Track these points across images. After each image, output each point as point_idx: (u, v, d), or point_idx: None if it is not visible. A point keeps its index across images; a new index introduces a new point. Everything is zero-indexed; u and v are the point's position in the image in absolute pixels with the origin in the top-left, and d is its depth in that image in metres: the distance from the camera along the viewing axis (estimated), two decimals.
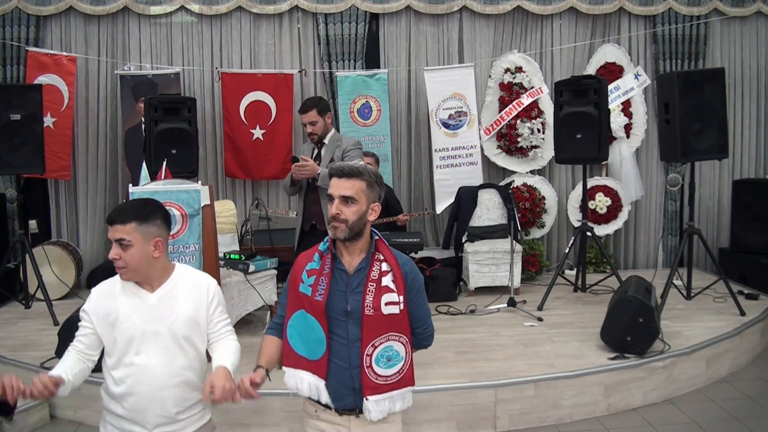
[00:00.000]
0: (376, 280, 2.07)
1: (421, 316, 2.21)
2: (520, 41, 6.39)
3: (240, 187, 6.35)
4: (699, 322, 4.63)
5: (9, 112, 4.85)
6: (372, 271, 2.08)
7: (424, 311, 2.23)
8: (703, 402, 3.93)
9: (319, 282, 2.06)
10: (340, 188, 2.04)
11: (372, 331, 2.04)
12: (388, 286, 2.07)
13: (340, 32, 6.14)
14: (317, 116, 3.91)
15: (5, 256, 5.28)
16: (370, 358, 2.05)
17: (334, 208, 2.04)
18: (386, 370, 2.07)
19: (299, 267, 2.13)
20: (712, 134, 4.84)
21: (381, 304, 2.04)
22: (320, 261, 2.10)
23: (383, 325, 2.05)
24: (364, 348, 2.04)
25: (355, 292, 2.07)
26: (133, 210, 2.07)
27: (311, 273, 2.09)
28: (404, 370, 2.12)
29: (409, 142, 6.47)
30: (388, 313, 2.05)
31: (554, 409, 3.71)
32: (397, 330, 2.08)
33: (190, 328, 2.14)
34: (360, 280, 2.08)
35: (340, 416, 2.11)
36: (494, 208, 5.98)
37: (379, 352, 2.05)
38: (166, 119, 5.03)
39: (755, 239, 5.98)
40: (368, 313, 2.04)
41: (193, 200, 3.94)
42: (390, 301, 2.06)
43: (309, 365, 2.09)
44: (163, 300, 2.13)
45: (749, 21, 6.52)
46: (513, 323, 4.79)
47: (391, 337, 2.07)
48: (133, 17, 6.09)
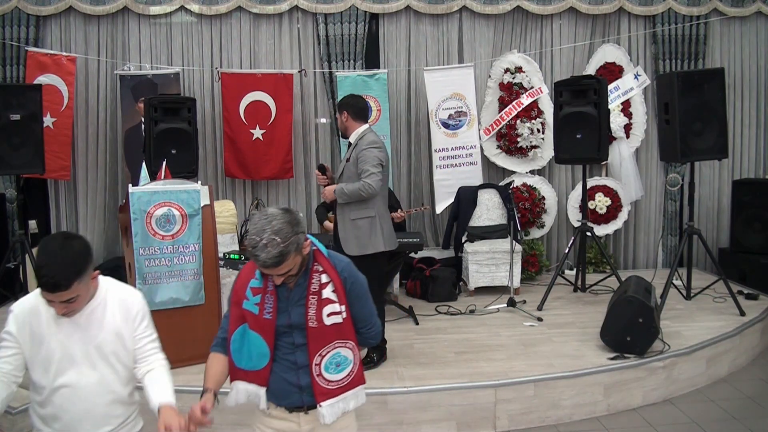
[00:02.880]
0: (317, 292, 2.09)
1: (365, 317, 2.22)
2: (519, 41, 6.39)
3: (240, 187, 6.35)
4: (699, 322, 4.63)
5: (9, 112, 4.85)
6: (312, 284, 2.10)
7: (368, 311, 2.23)
8: (703, 402, 3.93)
9: (265, 300, 2.09)
10: (276, 276, 2.03)
11: (318, 342, 2.09)
12: (329, 298, 2.10)
13: (340, 32, 6.14)
14: (337, 112, 3.98)
15: (5, 256, 5.28)
16: (319, 367, 2.10)
17: (281, 280, 2.04)
18: (336, 375, 2.12)
19: (242, 283, 2.14)
20: (711, 134, 4.84)
21: (323, 316, 2.08)
22: (262, 278, 2.10)
23: (328, 335, 2.10)
24: (312, 358, 2.09)
25: (298, 305, 2.10)
26: (70, 270, 1.93)
27: (256, 291, 2.10)
28: (354, 372, 2.17)
29: (409, 142, 6.47)
30: (331, 323, 2.09)
31: (554, 409, 3.71)
32: (342, 337, 2.12)
33: (118, 345, 2.11)
34: (301, 294, 2.10)
35: (290, 413, 2.16)
36: (494, 208, 5.98)
37: (328, 360, 2.10)
38: (166, 119, 5.04)
39: (755, 239, 5.98)
40: (312, 326, 2.08)
41: (193, 200, 3.95)
42: (332, 312, 2.10)
43: (248, 375, 2.13)
44: (90, 318, 2.07)
45: (749, 21, 6.52)
46: (513, 323, 4.79)
47: (337, 345, 2.12)
48: (132, 17, 6.08)
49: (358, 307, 2.18)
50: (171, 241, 3.88)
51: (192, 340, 3.95)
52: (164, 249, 3.86)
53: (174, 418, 2.00)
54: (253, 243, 1.96)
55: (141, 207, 3.80)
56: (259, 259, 1.96)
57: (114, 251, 6.26)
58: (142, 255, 3.81)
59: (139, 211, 3.79)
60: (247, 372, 2.13)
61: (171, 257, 3.88)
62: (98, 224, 6.20)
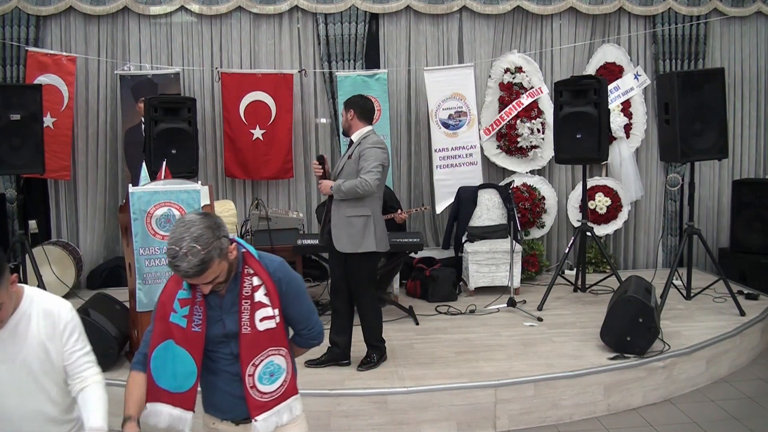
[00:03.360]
0: (249, 296, 2.00)
1: (304, 318, 2.14)
2: (519, 41, 6.39)
3: (240, 187, 6.35)
4: (699, 322, 4.63)
5: (9, 112, 4.84)
6: (244, 288, 2.00)
7: (307, 311, 2.15)
8: (703, 402, 3.93)
9: (194, 312, 1.98)
10: (203, 286, 1.93)
11: (250, 350, 1.99)
12: (261, 302, 2.00)
13: (340, 32, 6.14)
14: (343, 110, 3.98)
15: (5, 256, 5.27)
16: (253, 378, 2.00)
17: (209, 289, 1.94)
18: (270, 386, 2.03)
19: (169, 295, 2.02)
20: (712, 134, 4.84)
21: (256, 321, 1.99)
22: (190, 288, 1.99)
23: (262, 341, 2.00)
24: (245, 368, 1.99)
25: (232, 312, 2.00)
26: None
27: (184, 303, 1.98)
28: (287, 381, 2.08)
29: (409, 142, 6.47)
30: (264, 329, 2.00)
31: (554, 409, 3.71)
32: (276, 344, 2.03)
33: (45, 361, 1.95)
34: (233, 300, 2.00)
35: (236, 426, 2.09)
36: (494, 208, 5.98)
37: (261, 369, 2.01)
38: (166, 119, 5.03)
39: (755, 239, 5.98)
40: (245, 332, 1.99)
41: (193, 200, 3.94)
42: (265, 317, 2.01)
43: (172, 398, 1.98)
44: (13, 333, 1.92)
45: (749, 21, 6.52)
46: (513, 323, 4.79)
47: (270, 353, 2.02)
48: (133, 17, 6.08)
49: (295, 308, 2.10)
50: None
51: None
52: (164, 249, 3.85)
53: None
54: (172, 253, 1.85)
55: (141, 207, 3.80)
56: (180, 270, 1.85)
57: (114, 251, 6.26)
58: (142, 255, 3.80)
59: (139, 211, 3.79)
60: (172, 394, 1.97)
61: None
62: (98, 224, 6.20)
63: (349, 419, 3.53)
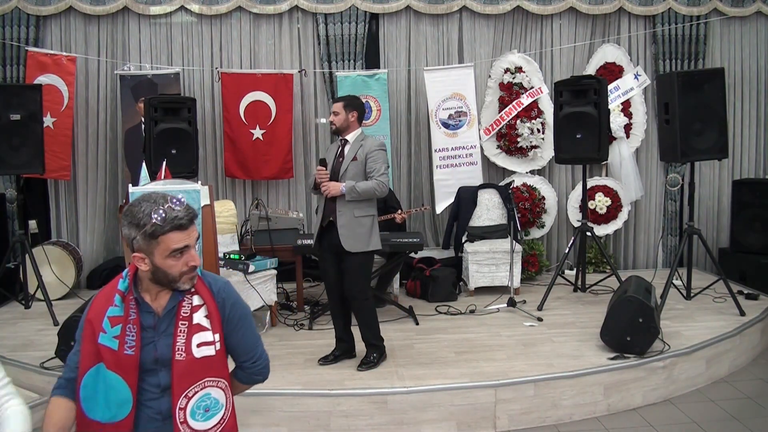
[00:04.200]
0: (187, 317, 1.79)
1: (248, 348, 1.91)
2: (519, 41, 6.40)
3: (240, 187, 6.35)
4: (699, 322, 4.63)
5: (9, 112, 4.85)
6: (182, 308, 1.79)
7: (252, 340, 1.92)
8: (703, 402, 3.93)
9: (126, 332, 1.75)
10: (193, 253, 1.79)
11: (184, 379, 1.75)
12: (200, 324, 1.79)
13: (340, 32, 6.14)
14: (341, 109, 3.96)
15: (5, 256, 5.28)
16: (184, 411, 1.76)
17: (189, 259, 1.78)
18: (204, 423, 1.79)
19: (98, 312, 1.78)
20: (712, 134, 4.84)
21: (192, 347, 1.76)
22: (123, 305, 1.78)
23: (197, 370, 1.77)
24: (176, 400, 1.75)
25: (165, 335, 1.78)
26: None
27: (115, 321, 1.75)
28: (225, 420, 1.84)
29: (409, 142, 6.47)
30: (201, 356, 1.77)
31: (554, 409, 3.71)
32: (214, 374, 1.79)
33: None
34: (170, 321, 1.79)
35: None
36: (494, 208, 5.98)
37: (195, 403, 1.77)
38: (166, 119, 5.04)
39: (755, 239, 5.98)
40: (179, 359, 1.75)
41: (193, 200, 3.94)
42: (203, 342, 1.78)
43: (105, 429, 1.75)
44: None
45: (749, 21, 6.52)
46: (513, 323, 4.79)
47: (207, 384, 1.78)
48: (133, 17, 6.09)
49: (239, 335, 1.87)
50: None
51: None
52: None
53: None
54: (161, 206, 1.70)
55: None
56: (180, 212, 1.72)
57: (114, 251, 6.26)
58: None
59: None
60: (104, 425, 1.74)
61: None
62: (98, 224, 6.20)
63: (349, 419, 3.53)
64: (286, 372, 3.85)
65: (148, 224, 1.71)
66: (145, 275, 1.79)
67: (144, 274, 1.79)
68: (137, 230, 1.72)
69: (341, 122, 3.96)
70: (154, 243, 1.72)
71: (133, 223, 1.73)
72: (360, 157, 3.88)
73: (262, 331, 4.63)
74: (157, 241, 1.72)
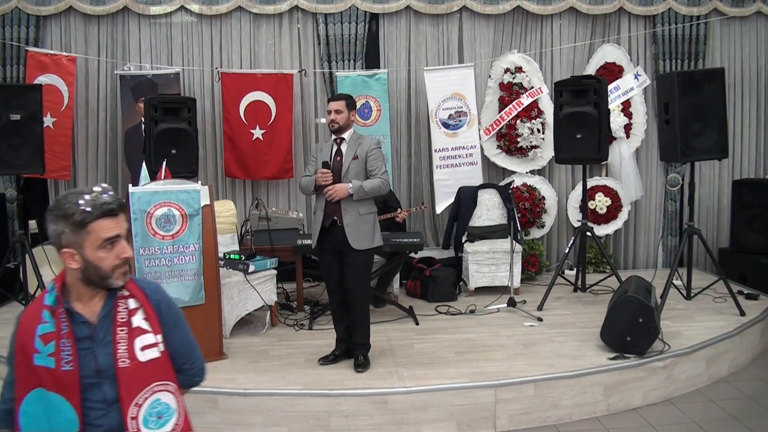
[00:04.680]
0: (126, 322, 1.70)
1: (186, 350, 1.85)
2: (520, 41, 6.39)
3: (240, 187, 6.35)
4: (699, 322, 4.63)
5: (9, 112, 4.85)
6: (119, 313, 1.70)
7: (189, 342, 1.87)
8: (703, 402, 3.93)
9: (60, 347, 1.64)
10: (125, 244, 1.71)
11: (132, 386, 1.67)
12: (141, 327, 1.71)
13: (340, 32, 6.14)
14: (344, 107, 3.96)
15: (5, 256, 5.28)
16: (137, 421, 1.66)
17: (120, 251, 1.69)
18: (159, 430, 1.71)
19: (26, 334, 1.66)
20: (712, 134, 4.84)
21: (136, 351, 1.68)
22: (53, 319, 1.66)
23: (144, 376, 1.69)
24: (127, 410, 1.66)
25: (104, 344, 1.69)
26: None
27: (47, 338, 1.64)
28: (179, 425, 1.75)
29: (409, 142, 6.47)
30: (146, 359, 1.69)
31: (554, 409, 3.71)
32: (162, 378, 1.72)
33: None
34: (107, 328, 1.69)
35: None
36: (494, 208, 5.98)
37: (147, 410, 1.68)
38: (166, 119, 5.04)
39: (755, 239, 5.98)
40: (123, 366, 1.66)
41: (193, 200, 3.95)
42: (147, 345, 1.70)
43: None
44: None
45: (749, 21, 6.52)
46: (513, 323, 4.79)
47: (156, 389, 1.70)
48: (133, 17, 6.09)
49: (177, 338, 1.81)
50: (171, 241, 3.89)
51: None
52: (164, 249, 3.86)
53: None
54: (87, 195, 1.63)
55: (141, 207, 3.80)
56: (107, 199, 1.65)
57: None
58: (142, 255, 3.81)
59: (139, 211, 3.80)
60: None
61: (171, 257, 3.88)
62: None
63: (349, 419, 3.53)
64: (286, 372, 3.85)
65: (77, 212, 1.62)
66: (75, 278, 1.69)
67: (73, 278, 1.69)
68: (65, 222, 1.63)
69: (344, 120, 3.96)
70: (83, 234, 1.63)
71: (60, 216, 1.63)
72: (360, 155, 3.89)
73: (262, 332, 4.63)
74: (87, 230, 1.63)
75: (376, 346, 4.19)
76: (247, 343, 4.42)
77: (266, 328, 4.67)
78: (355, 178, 3.85)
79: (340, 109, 3.95)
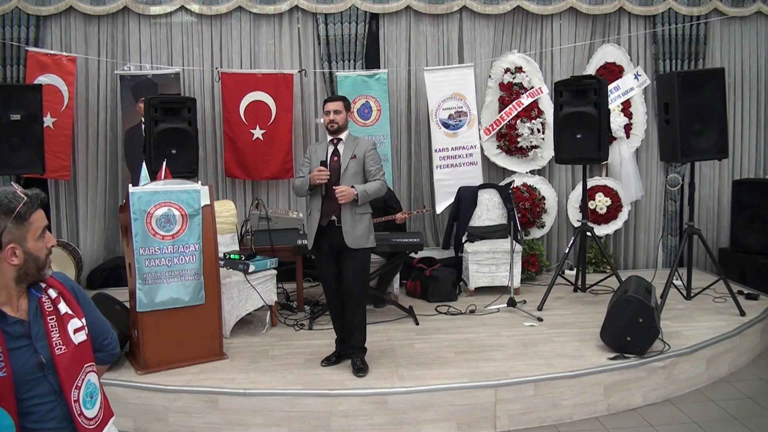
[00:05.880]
0: (53, 311, 1.75)
1: (102, 326, 1.96)
2: (520, 41, 6.40)
3: (240, 187, 6.35)
4: (699, 322, 4.63)
5: (9, 112, 4.85)
6: (45, 304, 1.75)
7: (102, 319, 1.97)
8: (703, 402, 3.93)
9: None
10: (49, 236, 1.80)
11: (71, 371, 1.73)
12: (68, 312, 1.78)
13: (340, 32, 6.14)
14: (343, 108, 3.98)
15: None
16: (79, 404, 1.74)
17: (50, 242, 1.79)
18: (92, 410, 1.78)
19: None
20: (712, 134, 4.84)
21: (71, 336, 1.75)
22: None
23: (78, 359, 1.76)
24: (69, 394, 1.71)
25: (40, 337, 1.72)
26: None
27: None
28: (103, 402, 1.84)
29: (409, 142, 6.47)
30: (79, 342, 1.77)
31: (554, 409, 3.71)
32: (90, 359, 1.81)
33: None
34: (40, 321, 1.73)
35: None
36: (494, 208, 5.98)
37: (83, 392, 1.75)
38: (166, 119, 5.04)
39: (755, 239, 5.98)
40: (60, 353, 1.71)
41: (193, 200, 3.95)
42: (77, 328, 1.78)
43: None
44: None
45: (749, 21, 6.52)
46: (513, 323, 4.79)
47: (87, 370, 1.79)
48: (133, 17, 6.09)
49: (93, 318, 1.90)
50: (171, 241, 3.88)
51: (192, 340, 3.96)
52: (164, 249, 3.86)
53: None
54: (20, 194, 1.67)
55: (141, 207, 3.80)
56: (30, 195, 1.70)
57: (114, 251, 6.26)
58: (142, 255, 3.81)
59: (139, 211, 3.80)
60: None
61: (171, 257, 3.88)
62: (98, 224, 6.20)
63: (349, 419, 3.53)
64: (286, 372, 3.85)
65: (19, 204, 1.66)
66: (8, 278, 1.70)
67: (6, 278, 1.70)
68: (7, 217, 1.66)
69: (343, 121, 3.98)
70: (26, 225, 1.69)
71: (1, 212, 1.65)
72: (359, 155, 3.90)
73: (262, 331, 4.63)
74: (29, 221, 1.69)
75: (376, 346, 4.20)
76: (247, 343, 4.42)
77: (266, 328, 4.67)
78: (353, 177, 3.86)
79: (339, 109, 3.95)
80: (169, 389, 3.61)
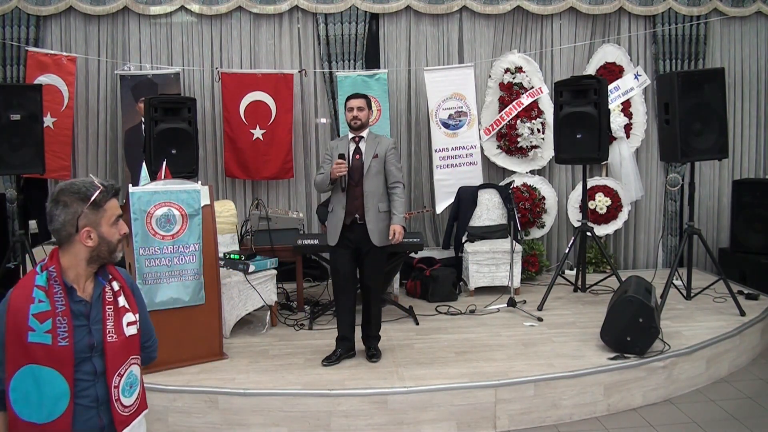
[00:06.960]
0: (113, 302, 1.89)
1: (148, 329, 2.06)
2: (520, 41, 6.40)
3: (240, 187, 6.35)
4: (699, 322, 4.63)
5: (9, 112, 4.84)
6: (107, 294, 1.88)
7: (149, 323, 2.08)
8: (703, 402, 3.93)
9: (57, 324, 1.76)
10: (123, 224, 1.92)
11: (116, 359, 1.86)
12: (125, 306, 1.91)
13: (340, 32, 6.14)
14: (365, 105, 4.02)
15: (5, 256, 5.28)
16: (118, 390, 1.86)
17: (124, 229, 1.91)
18: (130, 398, 1.91)
19: (20, 314, 1.74)
20: (712, 134, 4.84)
21: (124, 327, 1.88)
22: (48, 299, 1.77)
23: (126, 349, 1.88)
24: (111, 380, 1.85)
25: (96, 321, 1.85)
26: None
27: (43, 317, 1.74)
28: (140, 394, 1.97)
29: (409, 142, 6.47)
30: (129, 335, 1.90)
31: (554, 409, 3.71)
32: (136, 352, 1.93)
33: None
34: (99, 307, 1.87)
35: None
36: (494, 208, 5.98)
37: (125, 380, 1.88)
38: (166, 119, 5.04)
39: (755, 239, 5.98)
40: (111, 341, 1.84)
41: (193, 200, 3.95)
42: (130, 322, 1.91)
43: (43, 430, 1.75)
44: None
45: (749, 21, 6.52)
46: (513, 323, 4.79)
47: (132, 362, 1.91)
48: (133, 17, 6.09)
49: (144, 318, 2.00)
50: (171, 241, 3.88)
51: (192, 340, 3.96)
52: (164, 249, 3.86)
53: None
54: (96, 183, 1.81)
55: (141, 207, 3.80)
56: (113, 184, 1.87)
57: None
58: (142, 255, 3.81)
59: (139, 211, 3.80)
60: (42, 426, 1.74)
61: (171, 257, 3.88)
62: None
63: (349, 419, 3.53)
64: (286, 372, 3.85)
65: (95, 193, 1.81)
66: (80, 259, 1.83)
67: (76, 260, 1.83)
68: (83, 203, 1.79)
69: (366, 118, 4.03)
70: (101, 212, 1.82)
71: (78, 199, 1.79)
72: (380, 154, 3.97)
73: (262, 332, 4.63)
74: (104, 208, 1.83)
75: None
76: (247, 343, 4.42)
77: (266, 328, 4.67)
78: (375, 176, 3.94)
79: (363, 106, 4.02)
80: (169, 389, 3.61)
